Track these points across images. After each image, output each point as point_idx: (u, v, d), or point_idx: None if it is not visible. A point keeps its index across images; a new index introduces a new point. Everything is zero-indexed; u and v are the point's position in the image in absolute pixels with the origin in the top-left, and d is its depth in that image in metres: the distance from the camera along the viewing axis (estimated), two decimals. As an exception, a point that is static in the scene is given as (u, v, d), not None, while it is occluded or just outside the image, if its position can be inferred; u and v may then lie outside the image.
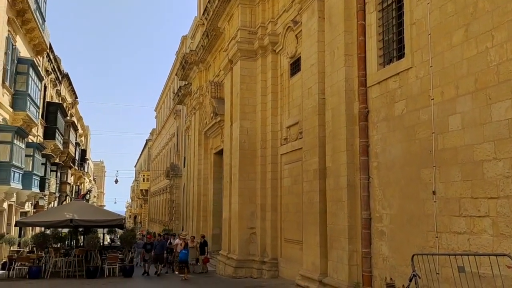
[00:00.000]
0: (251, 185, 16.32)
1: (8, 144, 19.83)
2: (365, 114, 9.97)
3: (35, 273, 16.86)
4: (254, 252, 15.97)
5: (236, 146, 16.92)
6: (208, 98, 21.70)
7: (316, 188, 11.49)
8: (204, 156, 24.57)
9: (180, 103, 33.69)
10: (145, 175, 75.14)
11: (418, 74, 8.54)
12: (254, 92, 16.87)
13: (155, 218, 58.73)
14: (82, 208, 18.70)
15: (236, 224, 16.34)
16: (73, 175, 49.80)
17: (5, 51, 20.16)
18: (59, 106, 32.40)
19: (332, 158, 10.83)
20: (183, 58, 26.33)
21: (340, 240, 10.26)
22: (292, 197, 14.36)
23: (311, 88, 12.14)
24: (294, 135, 14.47)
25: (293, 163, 14.43)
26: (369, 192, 9.76)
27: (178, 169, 37.88)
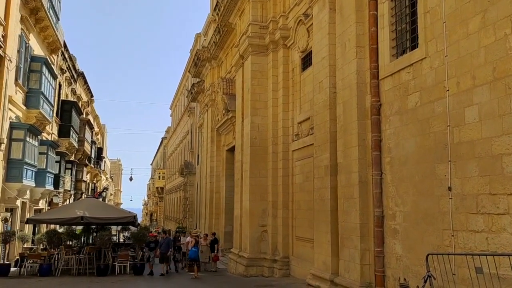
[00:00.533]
0: (262, 182, 16.03)
1: (20, 141, 19.91)
2: (377, 107, 9.58)
3: (46, 270, 16.87)
4: (266, 250, 15.69)
5: (247, 142, 16.65)
6: (220, 94, 21.47)
7: (327, 185, 11.14)
8: (216, 153, 24.37)
9: (193, 100, 33.58)
10: (161, 173, 75.56)
11: (432, 65, 8.12)
12: (265, 87, 16.56)
13: (170, 215, 58.97)
14: (94, 206, 18.66)
15: (247, 222, 16.07)
16: (89, 173, 50.24)
17: (18, 49, 20.23)
18: (74, 104, 32.56)
19: (343, 154, 10.46)
20: (196, 55, 26.15)
21: (352, 239, 9.91)
22: (303, 194, 14.03)
23: (322, 82, 11.78)
24: (305, 130, 14.13)
25: (304, 159, 14.09)
26: (381, 188, 9.38)
27: (192, 166, 37.81)
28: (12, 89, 19.73)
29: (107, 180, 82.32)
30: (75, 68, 37.21)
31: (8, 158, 19.58)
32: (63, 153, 29.73)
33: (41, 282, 15.26)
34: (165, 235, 18.93)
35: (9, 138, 19.65)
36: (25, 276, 16.72)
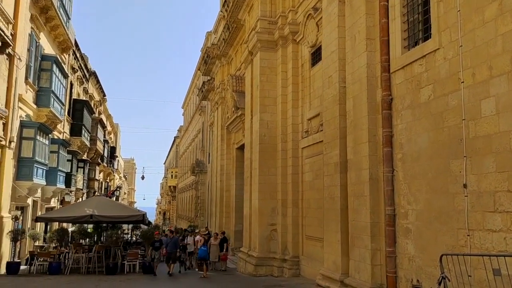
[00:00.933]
0: (271, 180, 15.73)
1: (31, 140, 19.91)
2: (388, 101, 9.21)
3: (55, 269, 16.82)
4: (275, 249, 15.39)
5: (256, 140, 16.36)
6: (230, 92, 21.23)
7: (337, 183, 10.80)
8: (226, 151, 24.14)
9: (204, 98, 33.41)
10: (173, 171, 75.70)
11: (446, 56, 7.73)
12: (274, 84, 16.26)
13: (183, 214, 59.04)
14: (103, 204, 18.57)
15: (256, 221, 15.79)
16: (102, 172, 50.46)
17: (28, 48, 20.24)
18: (85, 103, 32.63)
19: (353, 150, 10.11)
20: (205, 52, 25.94)
21: (362, 238, 9.56)
22: (313, 193, 13.70)
23: (332, 77, 11.43)
24: (315, 127, 13.79)
25: (314, 156, 13.76)
26: (393, 186, 9.01)
27: (203, 165, 37.69)
28: (22, 88, 19.75)
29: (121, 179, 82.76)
30: (87, 68, 37.32)
31: (19, 156, 19.61)
32: (75, 152, 29.79)
33: (49, 280, 15.18)
34: (172, 234, 18.24)
35: (20, 136, 19.69)
36: (35, 274, 16.69)
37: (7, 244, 17.18)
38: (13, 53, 17.82)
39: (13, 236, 16.94)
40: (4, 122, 17.38)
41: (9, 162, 17.86)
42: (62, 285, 13.93)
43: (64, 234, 18.15)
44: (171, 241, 17.16)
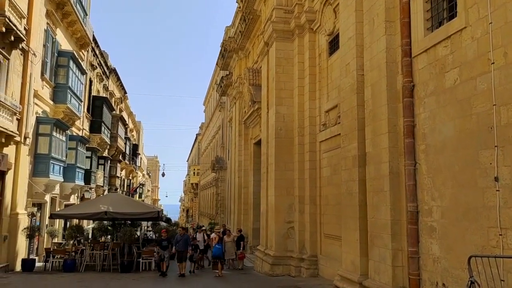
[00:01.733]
0: (288, 175, 15.09)
1: (47, 136, 19.81)
2: (409, 88, 8.45)
3: (70, 266, 16.61)
4: (292, 248, 14.76)
5: (272, 134, 15.74)
6: (246, 85, 20.66)
7: (355, 177, 10.09)
8: (244, 147, 23.60)
9: (223, 94, 32.95)
10: (195, 169, 75.74)
11: (474, 35, 6.95)
12: (290, 75, 15.59)
13: (204, 211, 58.94)
14: (118, 201, 18.29)
15: (272, 218, 15.20)
16: (124, 169, 50.73)
17: (44, 44, 20.13)
18: (105, 100, 32.61)
19: (372, 142, 9.39)
20: (222, 46, 25.41)
21: (382, 237, 8.84)
22: (331, 188, 13.01)
23: (349, 65, 10.71)
24: (333, 119, 13.08)
25: (332, 150, 13.05)
26: (415, 180, 8.26)
27: (223, 161, 37.26)
28: (38, 84, 19.65)
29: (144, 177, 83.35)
30: (107, 65, 37.37)
31: (35, 153, 19.54)
32: (94, 149, 29.78)
33: (62, 278, 14.97)
34: (183, 231, 16.77)
35: (36, 133, 19.61)
36: (50, 272, 16.54)
37: (22, 241, 17.08)
38: (28, 49, 17.66)
39: (28, 233, 16.80)
40: (19, 118, 17.25)
41: (24, 158, 17.75)
42: (72, 283, 13.66)
43: (79, 231, 17.91)
44: (182, 239, 15.79)
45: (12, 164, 16.78)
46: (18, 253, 17.03)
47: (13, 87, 16.66)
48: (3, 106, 15.12)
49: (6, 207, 16.46)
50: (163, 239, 16.16)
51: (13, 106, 15.81)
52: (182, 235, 16.01)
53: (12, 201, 16.93)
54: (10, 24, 15.03)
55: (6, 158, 15.93)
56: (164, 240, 16.10)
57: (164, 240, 16.05)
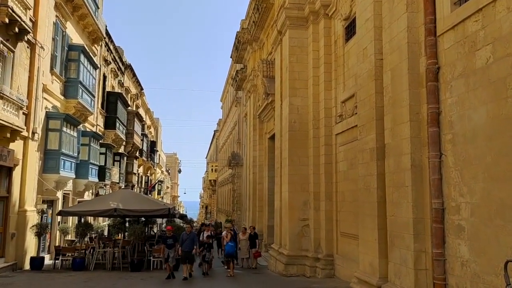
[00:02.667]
0: (302, 170, 14.27)
1: (57, 131, 19.43)
2: (434, 71, 7.54)
3: (79, 264, 16.16)
4: (307, 247, 13.95)
5: (285, 127, 14.93)
6: (260, 77, 19.87)
7: (374, 171, 9.22)
8: (259, 142, 22.84)
9: (238, 88, 32.21)
10: (213, 165, 75.55)
11: (510, 5, 6.01)
12: (305, 64, 14.74)
13: (222, 208, 58.53)
14: (128, 197, 17.76)
15: (286, 215, 14.41)
16: (142, 166, 50.61)
17: (52, 37, 19.72)
18: (119, 95, 32.25)
19: (391, 133, 8.50)
20: (236, 37, 24.65)
21: (403, 237, 7.97)
22: (348, 184, 12.14)
23: (366, 49, 9.82)
24: (349, 110, 12.20)
25: (349, 143, 12.18)
26: (441, 174, 7.36)
27: (239, 157, 36.59)
28: (48, 78, 19.26)
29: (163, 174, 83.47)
30: (122, 60, 37.05)
31: (45, 149, 19.18)
32: (109, 145, 29.46)
33: (70, 277, 14.49)
34: (190, 229, 14.78)
35: (46, 128, 19.25)
36: (58, 270, 16.13)
37: (31, 238, 16.70)
38: (35, 41, 17.24)
39: (37, 231, 16.39)
40: (26, 113, 16.86)
41: (32, 154, 17.37)
42: (78, 283, 13.13)
43: (89, 228, 17.44)
44: (188, 237, 14.04)
45: (20, 160, 16.40)
46: (27, 251, 16.68)
47: (20, 81, 16.24)
48: (8, 100, 14.69)
49: (13, 204, 16.09)
50: (168, 237, 14.67)
51: (19, 100, 15.38)
52: (188, 233, 14.38)
53: (20, 198, 16.56)
54: (13, 15, 14.57)
55: (12, 153, 15.54)
56: (169, 237, 14.61)
57: (170, 238, 14.57)
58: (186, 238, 14.09)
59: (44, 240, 19.59)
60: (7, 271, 14.97)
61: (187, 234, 14.26)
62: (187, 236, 14.17)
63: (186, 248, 13.92)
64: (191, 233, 14.49)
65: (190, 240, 14.09)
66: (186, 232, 14.35)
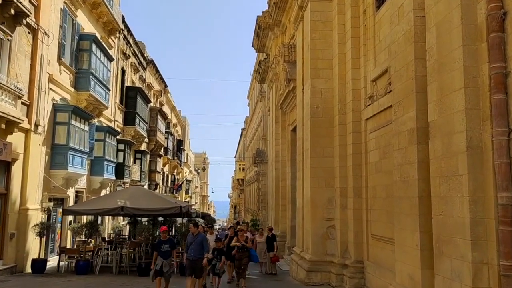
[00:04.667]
0: (327, 163, 12.37)
1: (64, 125, 18.22)
2: (499, 18, 5.56)
3: (82, 268, 14.76)
4: (333, 251, 12.04)
5: (307, 113, 13.07)
6: (281, 63, 18.04)
7: (413, 159, 7.27)
8: (281, 135, 21.00)
9: (262, 81, 30.43)
10: (241, 164, 74.56)
11: None
12: (329, 42, 12.84)
13: (249, 207, 57.04)
14: (138, 195, 16.30)
15: (308, 215, 12.54)
16: (167, 165, 49.69)
17: (60, 24, 18.52)
18: (138, 90, 31.08)
19: (438, 106, 6.53)
20: (256, 22, 22.87)
21: (455, 243, 6.01)
22: (380, 177, 10.18)
23: (403, 6, 7.87)
24: (381, 89, 10.24)
25: (381, 128, 10.22)
26: (510, 157, 5.39)
27: (263, 154, 34.80)
28: (55, 68, 18.06)
29: (191, 173, 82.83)
30: (144, 55, 35.99)
31: (52, 143, 18.00)
32: (128, 141, 28.29)
33: (69, 282, 13.13)
34: (196, 230, 10.77)
35: (53, 121, 18.08)
36: (61, 274, 14.80)
37: (33, 239, 15.44)
38: (37, 27, 16.02)
39: (39, 231, 15.12)
40: (28, 104, 15.65)
41: (36, 148, 16.14)
42: None
43: (93, 228, 16.07)
44: (195, 241, 10.53)
45: (20, 155, 15.16)
46: (29, 252, 15.43)
47: (19, 69, 15.00)
48: (3, 88, 13.44)
49: (13, 201, 14.87)
50: (163, 241, 10.81)
51: (16, 89, 14.12)
52: (195, 234, 10.68)
53: (21, 195, 15.33)
54: (7, -6, 13.34)
55: (10, 147, 14.29)
56: (164, 242, 10.78)
57: (164, 242, 10.75)
58: (192, 241, 10.55)
59: (53, 240, 18.44)
60: (4, 274, 13.75)
61: (193, 236, 10.70)
62: (193, 239, 10.57)
63: (192, 256, 10.47)
64: (198, 235, 10.78)
65: (197, 245, 10.47)
66: (191, 234, 10.99)
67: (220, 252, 11.85)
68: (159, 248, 10.81)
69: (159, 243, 10.94)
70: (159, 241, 11.11)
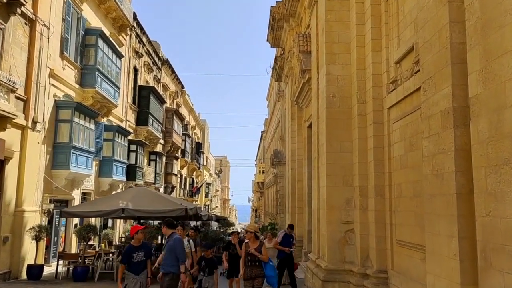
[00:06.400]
0: (344, 159, 10.93)
1: (67, 122, 17.32)
2: None
3: (81, 274, 13.72)
4: (352, 258, 10.57)
5: (322, 103, 11.68)
6: (296, 54, 16.70)
7: (449, 146, 5.82)
8: (297, 133, 19.61)
9: (278, 79, 29.14)
10: (260, 167, 73.62)
11: None
12: (346, 23, 11.44)
13: (269, 211, 55.75)
14: (141, 196, 15.20)
15: (324, 217, 11.11)
16: (185, 167, 48.87)
17: (63, 17, 17.67)
18: (151, 89, 30.22)
19: (482, 76, 5.08)
20: (270, 14, 21.57)
21: (509, 252, 4.55)
22: (407, 173, 8.70)
23: (433, -38, 6.44)
24: (407, 71, 8.78)
25: (407, 116, 8.75)
26: None
27: (281, 155, 33.39)
28: (57, 63, 17.21)
29: (211, 176, 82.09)
30: (158, 55, 35.22)
31: (54, 142, 17.12)
32: (140, 142, 27.40)
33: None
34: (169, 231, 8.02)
35: (55, 119, 17.22)
36: (58, 281, 13.78)
37: (29, 243, 14.47)
38: (35, 18, 15.13)
39: (35, 234, 14.13)
40: (24, 99, 14.75)
41: (34, 146, 15.23)
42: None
43: (90, 231, 15.00)
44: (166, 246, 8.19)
45: (15, 153, 14.24)
46: (25, 257, 14.48)
47: (13, 61, 14.11)
48: (-9, 79, 12.54)
49: (7, 203, 13.96)
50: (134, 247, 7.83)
51: (9, 82, 13.19)
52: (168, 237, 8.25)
53: (17, 196, 14.45)
54: (-6, -21, 12.45)
55: (2, 144, 13.35)
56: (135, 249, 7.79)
57: (137, 250, 7.79)
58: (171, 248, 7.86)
59: (55, 245, 17.53)
60: (-3, 281, 12.82)
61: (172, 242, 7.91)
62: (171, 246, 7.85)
63: (163, 269, 7.93)
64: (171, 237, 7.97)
65: (168, 251, 7.89)
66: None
67: (210, 263, 9.23)
68: (129, 259, 7.67)
69: (129, 251, 7.73)
70: (129, 248, 7.89)
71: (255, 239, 8.47)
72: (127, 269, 7.68)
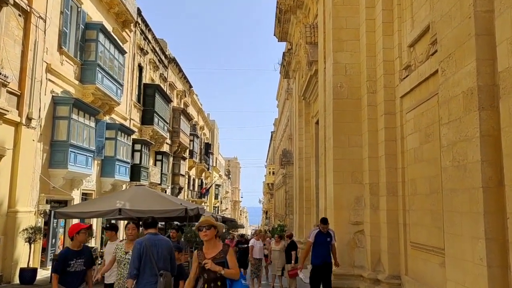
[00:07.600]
0: (353, 153, 10.08)
1: (65, 119, 16.68)
2: None
3: (74, 278, 12.98)
4: (362, 262, 9.70)
5: (329, 94, 10.84)
6: (303, 45, 15.88)
7: (473, 132, 4.96)
8: (305, 129, 18.77)
9: (287, 75, 28.33)
10: (271, 168, 73.06)
11: None
12: (355, 7, 10.60)
13: (278, 212, 54.93)
14: (140, 195, 14.40)
15: (332, 217, 10.24)
16: (193, 168, 48.27)
17: (61, 10, 17.05)
18: (157, 87, 29.55)
19: (515, 44, 4.22)
20: (277, 6, 20.76)
21: (553, 258, 3.68)
22: (422, 167, 7.82)
23: None
24: (422, 54, 7.91)
25: (421, 104, 7.87)
26: None
27: (290, 155, 32.64)
28: (54, 57, 16.58)
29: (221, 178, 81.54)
30: (165, 53, 34.60)
31: (52, 139, 16.48)
32: (145, 141, 26.75)
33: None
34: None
35: (53, 116, 16.59)
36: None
37: (23, 245, 13.80)
38: (29, 9, 14.52)
39: (28, 236, 13.46)
40: (18, 94, 14.13)
41: (28, 144, 14.58)
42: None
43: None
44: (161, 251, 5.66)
45: (7, 150, 13.60)
46: (18, 260, 13.81)
47: (6, 54, 13.48)
48: (-21, 72, 11.92)
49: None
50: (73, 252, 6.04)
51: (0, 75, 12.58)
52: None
53: (10, 196, 13.77)
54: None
55: (-8, 140, 12.75)
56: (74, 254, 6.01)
57: (76, 256, 5.99)
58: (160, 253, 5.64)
59: (54, 247, 16.91)
60: (-16, 286, 12.17)
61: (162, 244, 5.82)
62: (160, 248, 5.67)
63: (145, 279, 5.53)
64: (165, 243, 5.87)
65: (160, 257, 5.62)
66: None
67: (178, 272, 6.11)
68: (64, 267, 5.84)
69: (65, 257, 5.95)
70: (65, 252, 6.18)
71: (216, 241, 4.68)
72: (60, 282, 5.75)
